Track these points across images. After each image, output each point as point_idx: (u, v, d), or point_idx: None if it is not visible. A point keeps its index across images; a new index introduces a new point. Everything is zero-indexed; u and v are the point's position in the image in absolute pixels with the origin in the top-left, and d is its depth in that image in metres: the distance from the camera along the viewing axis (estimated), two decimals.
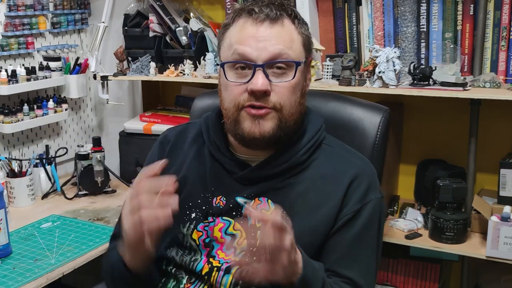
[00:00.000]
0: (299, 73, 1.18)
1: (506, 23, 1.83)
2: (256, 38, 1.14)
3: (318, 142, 1.24)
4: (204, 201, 1.23)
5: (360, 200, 1.19)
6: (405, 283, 2.08)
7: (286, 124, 1.17)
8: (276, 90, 1.15)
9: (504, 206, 1.79)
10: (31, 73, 2.22)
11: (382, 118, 1.41)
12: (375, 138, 1.40)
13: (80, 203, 2.15)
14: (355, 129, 1.42)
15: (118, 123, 2.56)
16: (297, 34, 1.19)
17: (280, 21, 1.16)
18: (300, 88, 1.20)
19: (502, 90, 1.79)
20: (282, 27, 1.16)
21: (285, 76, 1.16)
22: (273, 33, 1.15)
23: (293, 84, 1.16)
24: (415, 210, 2.07)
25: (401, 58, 1.91)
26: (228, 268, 1.18)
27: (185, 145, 1.32)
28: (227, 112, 1.20)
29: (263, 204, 1.20)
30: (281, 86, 1.15)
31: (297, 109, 1.19)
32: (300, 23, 1.20)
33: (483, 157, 1.98)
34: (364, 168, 1.24)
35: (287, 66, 1.16)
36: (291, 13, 1.19)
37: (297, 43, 1.18)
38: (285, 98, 1.16)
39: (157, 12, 2.27)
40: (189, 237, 1.23)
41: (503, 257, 1.72)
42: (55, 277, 1.55)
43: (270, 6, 1.17)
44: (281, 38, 1.15)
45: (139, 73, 2.31)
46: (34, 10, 2.27)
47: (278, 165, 1.21)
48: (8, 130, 2.17)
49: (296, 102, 1.19)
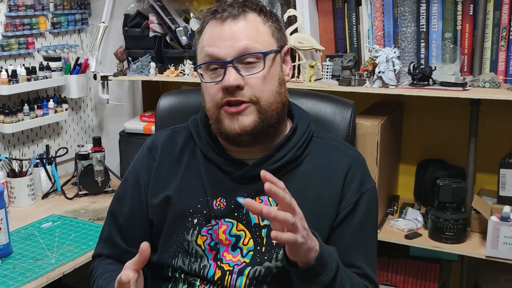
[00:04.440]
0: (270, 62, 1.19)
1: (505, 23, 1.83)
2: (222, 37, 1.17)
3: (310, 135, 1.27)
4: (204, 205, 1.23)
5: (357, 191, 1.23)
6: (405, 283, 2.08)
7: (267, 115, 1.19)
8: (250, 83, 1.17)
9: (504, 206, 1.79)
10: (31, 73, 2.22)
11: (352, 112, 1.48)
12: (348, 132, 1.47)
13: (80, 203, 2.15)
14: (330, 124, 1.47)
15: (118, 123, 2.57)
16: (264, 25, 1.20)
17: (243, 16, 1.18)
18: (275, 77, 1.21)
19: (501, 90, 1.80)
20: (246, 21, 1.18)
21: (256, 68, 1.17)
22: (238, 29, 1.17)
23: (265, 74, 1.18)
24: (415, 210, 2.07)
25: (400, 58, 1.91)
26: (241, 270, 1.19)
27: (176, 150, 1.31)
28: (209, 113, 1.23)
29: (265, 202, 1.20)
30: (253, 78, 1.17)
31: (275, 98, 1.20)
32: (267, 15, 1.22)
33: (483, 157, 1.98)
34: (356, 157, 1.28)
35: (257, 58, 1.17)
36: (255, 7, 1.20)
37: (264, 34, 1.20)
38: (260, 90, 1.17)
39: (157, 12, 2.27)
40: (194, 243, 1.22)
41: (502, 257, 1.72)
42: (55, 277, 1.55)
43: (233, 4, 1.19)
44: (246, 33, 1.17)
45: (139, 73, 2.31)
46: (34, 10, 2.27)
47: (275, 162, 1.21)
48: (8, 130, 2.17)
49: (273, 91, 1.19)
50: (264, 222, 1.20)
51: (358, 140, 1.82)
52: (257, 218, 1.20)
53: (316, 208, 1.20)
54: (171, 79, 2.24)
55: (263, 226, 1.19)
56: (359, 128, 1.81)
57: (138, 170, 1.34)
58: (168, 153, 1.31)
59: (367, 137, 1.86)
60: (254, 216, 1.20)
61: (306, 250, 1.03)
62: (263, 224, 1.16)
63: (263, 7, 1.23)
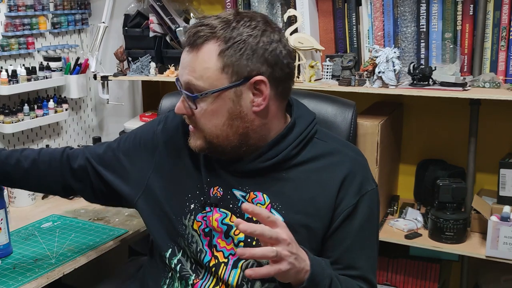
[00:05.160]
0: (213, 99, 1.15)
1: (505, 23, 1.83)
2: (182, 63, 1.18)
3: (309, 136, 1.25)
4: (201, 191, 1.26)
5: (357, 193, 1.22)
6: (405, 283, 2.08)
7: (216, 143, 1.19)
8: (195, 113, 1.18)
9: (504, 206, 1.79)
10: (31, 73, 2.22)
11: (353, 113, 1.49)
12: (349, 132, 1.48)
13: (80, 203, 2.15)
14: (331, 125, 1.48)
15: (118, 123, 2.57)
16: (217, 59, 1.13)
17: (197, 48, 1.14)
18: (222, 113, 1.16)
19: (501, 90, 1.80)
20: (197, 54, 1.14)
21: (200, 102, 1.16)
22: (187, 61, 1.16)
23: (204, 111, 1.16)
24: (415, 210, 2.07)
25: (400, 58, 1.92)
26: (236, 262, 1.21)
27: (180, 136, 1.33)
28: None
29: (259, 197, 1.21)
30: (197, 111, 1.17)
31: (222, 132, 1.17)
32: (234, 44, 1.12)
33: (483, 157, 1.98)
34: (357, 159, 1.27)
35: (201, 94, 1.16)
36: (220, 35, 1.13)
37: (212, 70, 1.13)
38: (203, 123, 1.18)
39: (157, 12, 2.27)
40: (190, 228, 1.25)
41: (502, 257, 1.73)
42: (55, 276, 1.55)
43: (198, 27, 1.15)
44: (192, 67, 1.15)
45: (139, 73, 2.31)
46: (34, 10, 2.27)
47: (268, 159, 1.21)
48: (8, 130, 2.17)
49: (217, 126, 1.17)
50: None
51: (358, 140, 1.82)
52: None
53: (309, 209, 1.20)
54: (171, 79, 2.24)
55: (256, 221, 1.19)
56: (359, 128, 1.81)
57: (143, 135, 1.41)
58: (176, 138, 1.34)
59: (367, 137, 1.86)
60: None
61: (294, 274, 1.05)
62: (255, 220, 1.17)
63: (235, 31, 1.13)
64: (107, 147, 1.44)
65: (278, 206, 1.21)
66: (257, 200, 1.21)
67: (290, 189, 1.21)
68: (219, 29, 1.13)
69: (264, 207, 1.20)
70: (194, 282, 1.24)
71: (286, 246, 1.02)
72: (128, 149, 1.40)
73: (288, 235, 1.04)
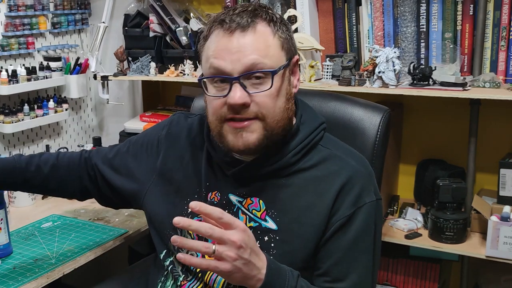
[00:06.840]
0: (279, 78, 1.14)
1: (505, 23, 1.83)
2: (229, 50, 1.11)
3: (312, 143, 1.22)
4: (199, 196, 1.25)
5: (353, 204, 1.17)
6: (405, 283, 2.08)
7: (273, 132, 1.15)
8: (257, 100, 1.12)
9: (504, 206, 1.79)
10: (31, 73, 2.22)
11: (383, 118, 1.41)
12: (375, 138, 1.40)
13: (80, 203, 2.14)
14: (356, 130, 1.41)
15: (119, 123, 2.56)
16: (273, 37, 1.14)
17: (252, 28, 1.12)
18: (284, 93, 1.16)
19: (501, 90, 1.80)
20: (255, 34, 1.12)
21: (264, 85, 1.12)
22: (246, 43, 1.11)
23: (273, 91, 1.13)
24: (415, 210, 2.07)
25: (400, 58, 1.91)
26: None
27: (189, 139, 1.33)
28: (211, 125, 1.20)
29: (254, 203, 1.20)
30: (260, 96, 1.12)
31: (283, 115, 1.16)
32: (277, 24, 1.15)
33: (483, 157, 1.98)
34: (358, 169, 1.21)
35: (265, 74, 1.12)
36: (265, 16, 1.14)
37: (274, 48, 1.14)
38: (267, 107, 1.13)
39: (157, 12, 2.28)
40: (185, 231, 1.24)
41: (502, 257, 1.73)
42: (55, 276, 1.55)
43: (241, 13, 1.13)
44: (254, 46, 1.11)
45: (139, 73, 2.31)
46: (34, 10, 2.27)
47: (267, 166, 1.20)
48: (8, 130, 2.17)
49: (281, 108, 1.15)
50: (250, 224, 1.19)
51: None
52: (245, 218, 1.20)
53: (304, 218, 1.17)
54: (171, 79, 2.24)
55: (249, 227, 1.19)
56: None
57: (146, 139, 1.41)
58: (179, 143, 1.34)
59: None
60: (243, 216, 1.20)
61: (241, 278, 1.03)
62: (248, 226, 1.16)
63: (274, 16, 1.16)
64: (117, 152, 1.44)
65: (274, 213, 1.18)
66: (252, 206, 1.20)
67: (287, 196, 1.19)
68: (259, 12, 1.14)
69: (259, 213, 1.19)
70: (181, 284, 1.24)
71: (235, 248, 0.99)
72: (135, 154, 1.40)
73: (240, 238, 1.00)
